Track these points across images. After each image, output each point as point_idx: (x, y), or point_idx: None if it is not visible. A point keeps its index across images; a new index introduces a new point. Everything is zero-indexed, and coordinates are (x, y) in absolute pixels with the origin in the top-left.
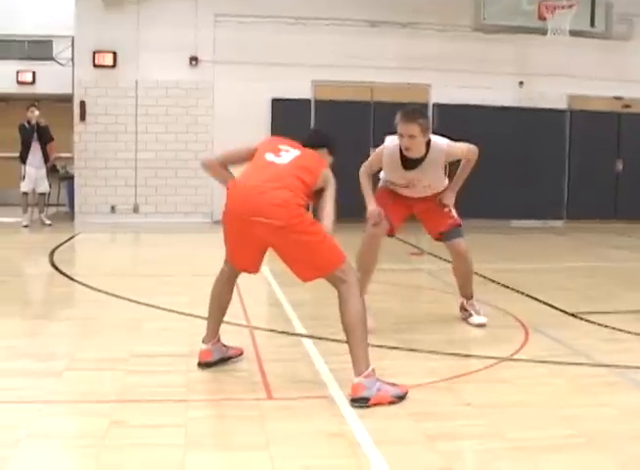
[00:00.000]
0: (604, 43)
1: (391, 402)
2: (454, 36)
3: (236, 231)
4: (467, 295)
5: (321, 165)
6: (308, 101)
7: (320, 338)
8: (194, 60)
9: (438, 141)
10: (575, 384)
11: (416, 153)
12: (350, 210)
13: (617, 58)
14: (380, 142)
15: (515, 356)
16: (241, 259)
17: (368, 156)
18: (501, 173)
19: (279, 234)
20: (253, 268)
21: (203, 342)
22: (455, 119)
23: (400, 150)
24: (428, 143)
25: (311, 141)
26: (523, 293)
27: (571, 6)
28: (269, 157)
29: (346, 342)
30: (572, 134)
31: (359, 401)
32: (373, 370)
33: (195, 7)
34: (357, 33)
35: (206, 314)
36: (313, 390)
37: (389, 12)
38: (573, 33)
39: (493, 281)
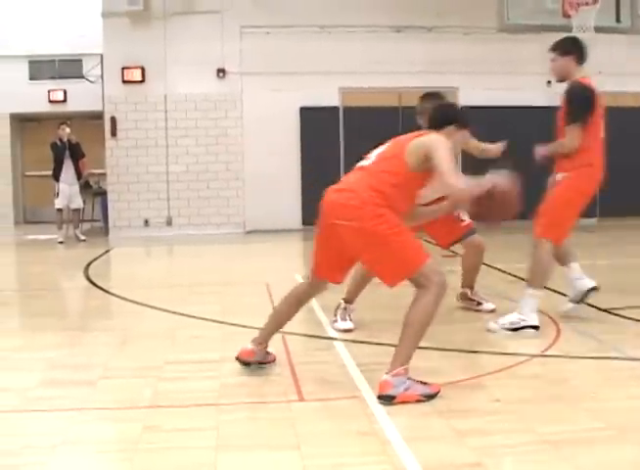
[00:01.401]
0: (632, 39)
1: (419, 400)
2: (479, 38)
3: (324, 237)
4: (472, 285)
5: (406, 143)
6: (337, 108)
7: (352, 341)
8: (221, 72)
9: None
10: (606, 377)
11: None
12: None
13: None
14: None
15: (546, 352)
16: (327, 266)
17: None
18: (532, 174)
19: (358, 235)
20: (338, 277)
21: (252, 341)
22: (485, 121)
23: None
24: None
25: (434, 123)
26: (555, 290)
27: (595, 2)
28: (361, 162)
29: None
30: (605, 131)
31: (384, 399)
32: (405, 369)
33: (220, 19)
34: (382, 39)
35: (244, 321)
36: (344, 391)
37: (414, 16)
38: (599, 29)
39: (524, 279)
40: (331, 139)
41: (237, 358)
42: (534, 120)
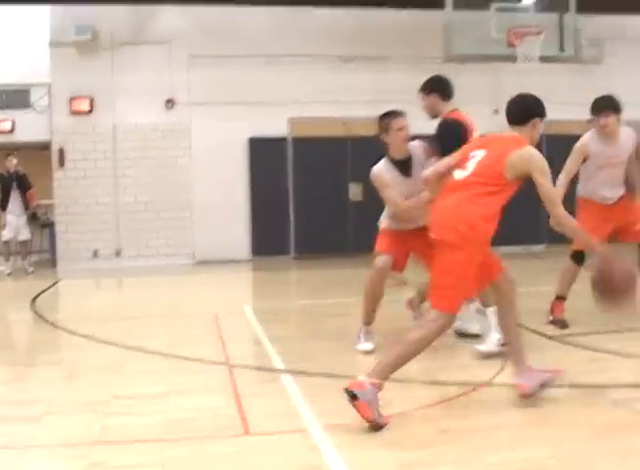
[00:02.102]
0: (575, 67)
1: (368, 420)
2: (426, 68)
3: None
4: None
5: (505, 153)
6: (285, 139)
7: (299, 372)
8: (170, 102)
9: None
10: (553, 405)
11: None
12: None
13: (589, 81)
14: (359, 177)
15: (493, 381)
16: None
17: (346, 191)
18: None
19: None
20: None
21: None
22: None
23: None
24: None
25: (514, 119)
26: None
27: (539, 32)
28: (457, 174)
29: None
30: (550, 158)
31: (349, 394)
32: (380, 384)
33: (169, 49)
34: (330, 69)
35: (192, 353)
36: (290, 424)
37: (361, 46)
38: (544, 59)
39: None
40: (279, 169)
41: None
42: None
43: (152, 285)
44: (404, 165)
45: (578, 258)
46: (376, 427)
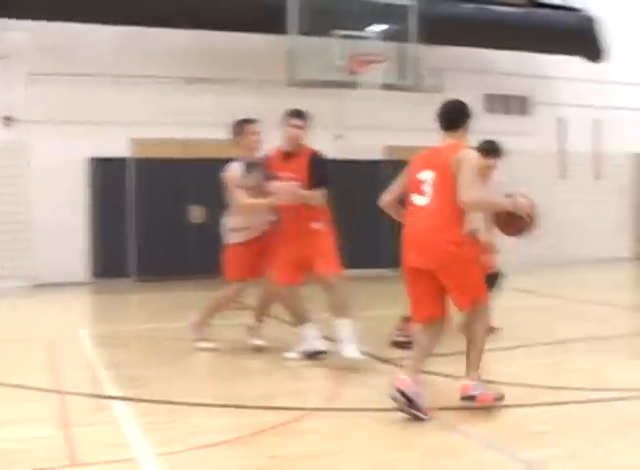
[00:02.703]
0: (416, 95)
1: (496, 401)
2: (270, 92)
3: None
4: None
5: (450, 170)
6: (126, 159)
7: (132, 399)
8: (8, 119)
9: None
10: (385, 429)
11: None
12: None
13: (429, 109)
14: (200, 199)
15: (325, 406)
16: None
17: (187, 212)
18: None
19: None
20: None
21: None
22: None
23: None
24: None
25: (448, 126)
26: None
27: (381, 61)
28: (417, 200)
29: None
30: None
31: (467, 399)
32: (478, 376)
33: (6, 66)
34: (174, 90)
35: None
36: (120, 453)
37: (205, 68)
38: (385, 87)
39: None
40: (120, 190)
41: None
42: None
43: None
44: (253, 168)
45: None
46: (501, 398)
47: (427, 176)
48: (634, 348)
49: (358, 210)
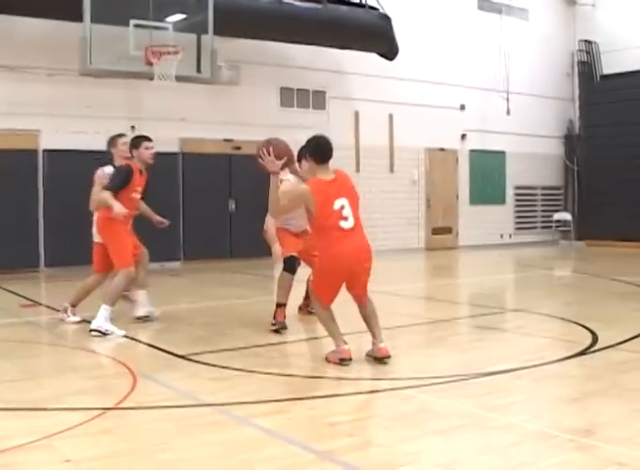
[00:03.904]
0: (213, 88)
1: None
2: (63, 81)
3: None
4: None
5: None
6: None
7: None
8: None
9: None
10: (180, 426)
11: None
12: None
13: (226, 102)
14: None
15: (120, 405)
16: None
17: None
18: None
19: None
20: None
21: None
22: (66, 166)
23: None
24: None
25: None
26: (133, 338)
27: (176, 52)
28: (344, 224)
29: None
30: (186, 175)
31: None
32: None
33: None
34: None
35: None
36: None
37: None
38: (181, 79)
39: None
40: None
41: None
42: None
43: None
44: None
45: (290, 267)
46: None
47: (343, 203)
48: (421, 335)
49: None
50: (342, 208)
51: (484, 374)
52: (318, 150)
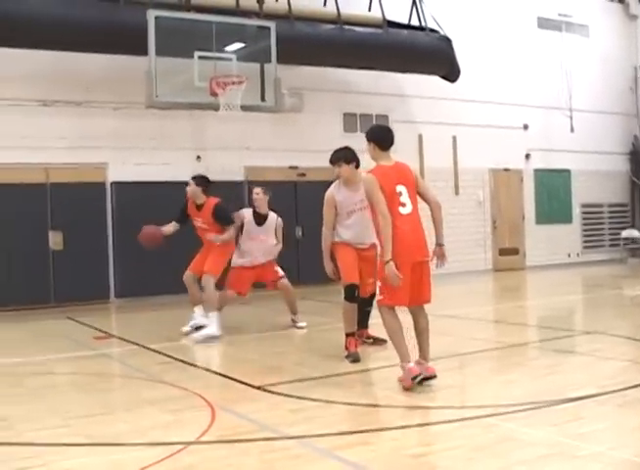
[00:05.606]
0: (277, 116)
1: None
2: (129, 114)
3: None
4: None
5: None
6: None
7: None
8: None
9: None
10: (264, 460)
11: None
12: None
13: (290, 129)
14: (59, 224)
15: (201, 439)
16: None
17: (47, 238)
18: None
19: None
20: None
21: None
22: (134, 197)
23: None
24: None
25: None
26: (207, 369)
27: (240, 82)
28: (403, 210)
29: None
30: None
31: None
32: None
33: None
34: (29, 113)
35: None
36: None
37: (62, 90)
38: (245, 108)
39: (174, 358)
40: None
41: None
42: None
43: None
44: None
45: (350, 296)
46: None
47: (402, 190)
48: (496, 361)
49: None
50: (400, 194)
51: (565, 400)
52: (382, 136)
